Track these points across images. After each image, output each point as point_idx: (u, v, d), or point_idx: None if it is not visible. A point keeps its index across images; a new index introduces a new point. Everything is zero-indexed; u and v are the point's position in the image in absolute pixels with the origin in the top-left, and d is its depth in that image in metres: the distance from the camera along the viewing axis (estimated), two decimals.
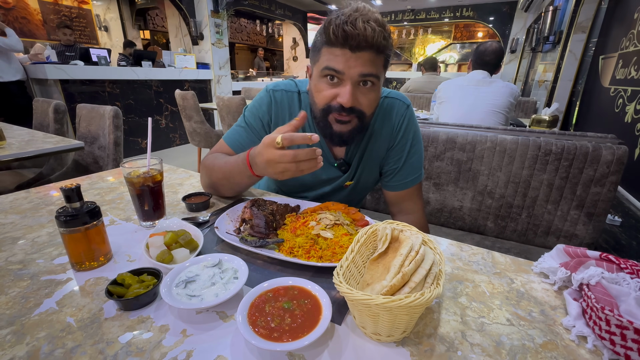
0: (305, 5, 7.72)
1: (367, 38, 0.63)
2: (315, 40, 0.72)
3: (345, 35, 0.63)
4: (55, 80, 3.38)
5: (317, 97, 0.73)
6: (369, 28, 0.62)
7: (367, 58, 0.65)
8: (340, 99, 0.68)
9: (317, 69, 0.71)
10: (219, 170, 0.79)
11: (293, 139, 0.57)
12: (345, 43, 0.64)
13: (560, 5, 3.92)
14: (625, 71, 1.90)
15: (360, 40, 0.63)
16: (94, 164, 1.83)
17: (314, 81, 0.74)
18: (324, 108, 0.72)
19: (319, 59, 0.70)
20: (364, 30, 0.62)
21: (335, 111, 0.70)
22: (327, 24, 0.66)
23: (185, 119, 3.30)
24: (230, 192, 0.83)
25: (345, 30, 0.62)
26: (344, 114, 0.70)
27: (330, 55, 0.67)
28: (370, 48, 0.65)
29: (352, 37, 0.63)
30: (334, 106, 0.70)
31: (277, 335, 0.39)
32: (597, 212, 1.08)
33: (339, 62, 0.66)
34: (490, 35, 8.07)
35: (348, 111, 0.69)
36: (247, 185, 0.79)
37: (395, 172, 0.86)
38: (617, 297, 0.43)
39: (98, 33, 6.66)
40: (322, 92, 0.71)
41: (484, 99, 1.79)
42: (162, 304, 0.48)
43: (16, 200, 0.83)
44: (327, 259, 0.57)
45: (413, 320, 0.42)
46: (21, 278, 0.53)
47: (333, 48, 0.66)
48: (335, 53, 0.66)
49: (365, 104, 0.71)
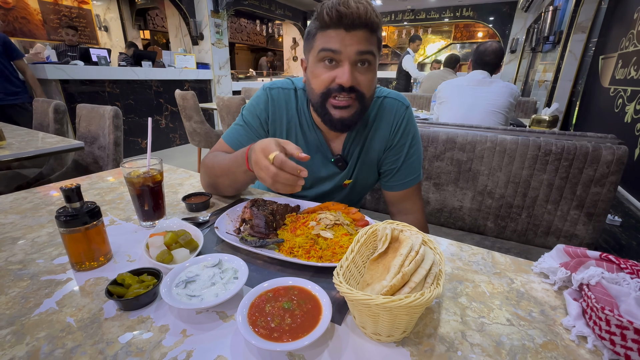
0: (305, 5, 7.72)
1: (360, 15, 0.65)
2: (309, 29, 0.73)
3: (339, 15, 0.65)
4: (55, 80, 3.38)
5: (314, 83, 0.73)
6: (362, 6, 0.65)
7: (362, 36, 0.67)
8: (339, 79, 0.69)
9: (312, 55, 0.72)
10: (218, 167, 0.79)
11: (283, 165, 0.57)
12: (340, 23, 0.66)
13: (560, 5, 3.92)
14: (625, 71, 1.90)
15: (354, 18, 0.65)
16: (94, 164, 1.83)
17: (310, 68, 0.74)
18: (324, 92, 0.72)
19: (314, 45, 0.71)
20: (357, 9, 0.64)
21: (335, 93, 0.71)
22: (319, 9, 0.68)
23: (185, 119, 3.30)
24: (229, 190, 0.83)
25: (338, 11, 0.64)
26: (344, 95, 0.70)
27: (325, 38, 0.68)
28: (365, 26, 0.66)
29: (346, 15, 0.64)
30: (333, 88, 0.70)
31: (277, 335, 0.39)
32: (597, 212, 1.08)
33: (335, 42, 0.67)
34: (490, 35, 8.07)
35: (348, 91, 0.70)
36: (244, 182, 0.79)
37: (394, 172, 0.87)
38: (617, 297, 0.43)
39: (98, 33, 6.66)
40: (320, 77, 0.71)
41: (484, 99, 1.79)
42: (162, 304, 0.48)
43: (16, 200, 0.83)
44: (327, 259, 0.57)
45: (413, 321, 0.42)
46: (21, 278, 0.53)
47: (328, 30, 0.68)
48: (331, 35, 0.67)
49: (364, 84, 0.71)
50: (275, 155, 0.57)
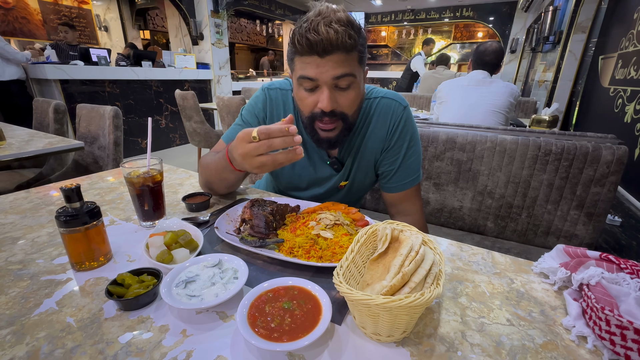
0: (305, 5, 7.69)
1: (331, 41, 0.63)
2: (288, 50, 0.72)
3: (310, 44, 0.63)
4: (55, 80, 3.38)
5: (300, 105, 0.75)
6: (332, 31, 0.62)
7: (337, 60, 0.65)
8: (320, 105, 0.69)
9: (294, 79, 0.73)
10: (210, 167, 0.80)
11: (270, 131, 0.57)
12: (312, 50, 0.64)
13: (560, 5, 3.92)
14: (624, 71, 1.90)
15: (325, 44, 0.63)
16: (94, 164, 1.83)
17: (295, 90, 0.75)
18: (309, 116, 0.74)
19: (295, 69, 0.71)
20: (327, 34, 0.62)
21: (319, 118, 0.72)
22: (291, 34, 0.67)
23: (185, 119, 3.30)
24: (222, 188, 0.83)
25: (308, 39, 0.63)
26: (326, 120, 0.71)
27: (302, 64, 0.68)
28: (338, 49, 0.64)
29: (317, 43, 0.63)
30: (316, 113, 0.71)
31: (277, 335, 0.39)
32: (597, 212, 1.08)
33: (310, 69, 0.66)
34: (490, 35, 8.07)
35: (330, 115, 0.70)
36: (234, 181, 0.79)
37: (392, 173, 0.86)
38: (617, 297, 0.43)
39: (98, 33, 6.66)
40: (304, 101, 0.72)
41: (484, 99, 1.79)
42: (162, 304, 0.48)
43: (16, 200, 0.83)
44: (327, 259, 0.57)
45: (413, 321, 0.42)
46: (21, 278, 0.53)
47: (303, 57, 0.67)
48: (306, 61, 0.67)
49: (345, 105, 0.71)
50: (257, 130, 0.57)
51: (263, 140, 0.58)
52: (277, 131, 0.57)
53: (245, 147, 0.59)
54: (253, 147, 0.58)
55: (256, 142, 0.58)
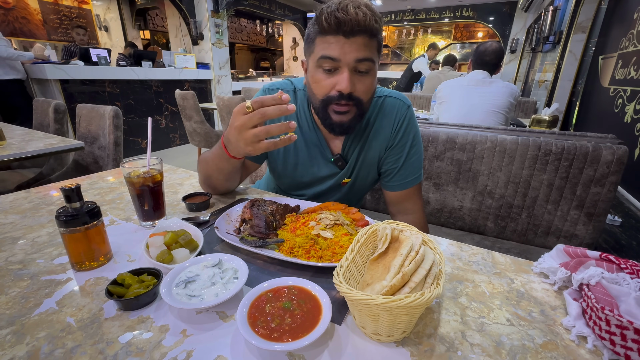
0: (305, 5, 7.72)
1: (359, 22, 0.64)
2: (309, 32, 0.72)
3: (338, 22, 0.64)
4: (55, 80, 3.38)
5: (315, 88, 0.74)
6: (360, 12, 0.64)
7: (361, 42, 0.66)
8: (338, 86, 0.69)
9: (312, 60, 0.72)
10: (207, 160, 0.79)
11: (263, 101, 0.58)
12: (339, 29, 0.65)
13: (560, 5, 3.92)
14: (624, 71, 1.90)
15: (353, 25, 0.64)
16: (94, 164, 1.83)
17: (310, 73, 0.74)
18: (324, 99, 0.73)
19: (314, 50, 0.71)
20: (356, 15, 0.63)
21: (335, 101, 0.71)
22: (319, 13, 0.67)
23: (185, 119, 3.30)
24: (220, 181, 0.82)
25: (337, 17, 0.64)
26: (342, 103, 0.71)
27: (324, 44, 0.68)
28: (364, 32, 0.66)
29: (345, 22, 0.64)
30: (333, 96, 0.71)
31: (277, 335, 0.39)
32: (597, 212, 1.08)
33: (334, 49, 0.67)
34: (490, 35, 8.07)
35: (347, 98, 0.70)
36: (230, 170, 0.78)
37: (395, 172, 0.86)
38: (617, 297, 0.43)
39: (98, 33, 6.65)
40: (320, 83, 0.72)
41: (484, 99, 1.79)
42: (162, 304, 0.48)
43: (16, 200, 0.83)
44: (327, 259, 0.57)
45: (413, 321, 0.42)
46: (21, 278, 0.53)
47: (327, 36, 0.67)
48: (330, 41, 0.67)
49: (362, 91, 0.71)
50: (251, 101, 0.58)
51: (257, 109, 0.58)
52: (270, 99, 0.58)
53: (241, 119, 0.59)
54: (247, 118, 0.59)
55: (250, 111, 0.59)
